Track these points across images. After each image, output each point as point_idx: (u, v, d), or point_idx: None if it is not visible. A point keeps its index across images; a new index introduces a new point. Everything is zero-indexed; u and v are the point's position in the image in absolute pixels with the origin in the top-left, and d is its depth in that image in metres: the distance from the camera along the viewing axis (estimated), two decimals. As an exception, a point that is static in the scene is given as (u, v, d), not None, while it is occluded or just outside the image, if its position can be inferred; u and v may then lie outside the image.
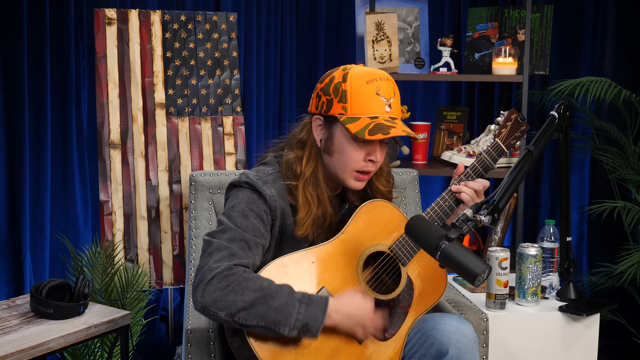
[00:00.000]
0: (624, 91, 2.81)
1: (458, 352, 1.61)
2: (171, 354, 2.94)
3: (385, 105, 1.62)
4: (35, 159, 2.80)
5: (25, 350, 1.78)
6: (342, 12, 3.51)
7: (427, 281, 1.76)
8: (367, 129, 1.58)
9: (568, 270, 2.22)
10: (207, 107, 2.74)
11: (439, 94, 3.53)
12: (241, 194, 1.65)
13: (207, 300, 1.50)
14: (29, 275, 2.77)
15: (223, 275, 1.51)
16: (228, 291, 1.50)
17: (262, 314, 1.51)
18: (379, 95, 1.61)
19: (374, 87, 1.61)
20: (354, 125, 1.60)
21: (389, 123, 1.60)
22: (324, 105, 1.65)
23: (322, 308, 1.55)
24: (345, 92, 1.61)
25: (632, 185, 2.97)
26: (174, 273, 2.71)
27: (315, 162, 1.69)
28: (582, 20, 3.30)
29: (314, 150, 1.70)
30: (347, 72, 1.63)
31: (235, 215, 1.61)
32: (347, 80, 1.61)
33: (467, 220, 1.55)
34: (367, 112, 1.61)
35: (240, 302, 1.50)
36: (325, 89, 1.65)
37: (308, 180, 1.67)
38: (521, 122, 1.86)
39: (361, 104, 1.61)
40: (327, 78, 1.66)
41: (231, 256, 1.55)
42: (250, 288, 1.51)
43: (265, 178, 1.68)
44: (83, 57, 2.91)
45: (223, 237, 1.58)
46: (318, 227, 1.69)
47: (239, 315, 1.50)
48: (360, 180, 1.68)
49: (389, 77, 1.65)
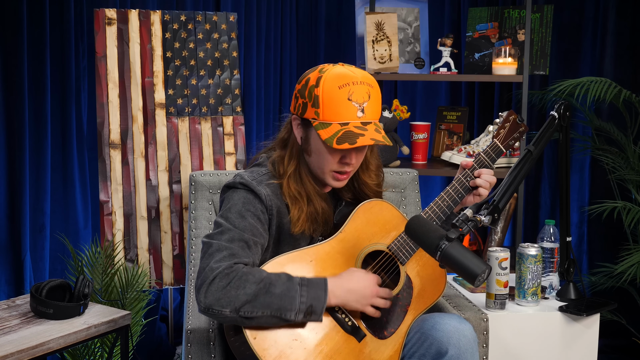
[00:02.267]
0: (624, 91, 2.81)
1: (457, 352, 1.61)
2: (171, 354, 2.94)
3: (357, 110, 1.61)
4: (35, 159, 2.80)
5: (25, 350, 1.78)
6: (342, 12, 3.51)
7: (426, 280, 1.76)
8: (336, 138, 1.58)
9: (568, 270, 2.22)
10: (207, 107, 2.74)
11: (439, 94, 3.53)
12: (237, 195, 1.67)
13: (210, 300, 1.51)
14: (29, 275, 2.77)
15: (224, 274, 1.53)
16: (230, 287, 1.52)
17: (266, 303, 1.52)
18: (351, 101, 1.60)
19: (345, 93, 1.60)
20: (325, 132, 1.60)
21: (359, 130, 1.60)
22: (300, 107, 1.66)
23: (323, 287, 1.57)
24: (318, 97, 1.61)
25: (632, 185, 2.97)
26: (174, 273, 2.71)
27: (297, 160, 1.71)
28: (582, 20, 3.30)
29: (296, 149, 1.71)
30: (322, 76, 1.62)
31: (232, 217, 1.63)
32: (319, 85, 1.61)
33: (467, 220, 1.55)
34: (338, 118, 1.61)
35: (242, 295, 1.51)
36: (302, 91, 1.66)
37: (291, 178, 1.70)
38: (520, 123, 1.86)
39: (332, 110, 1.61)
40: (304, 79, 1.66)
41: (231, 256, 1.56)
42: (250, 281, 1.53)
43: (260, 178, 1.70)
44: (83, 57, 2.91)
45: (222, 238, 1.59)
46: (313, 222, 1.70)
47: (243, 309, 1.52)
48: (338, 179, 1.69)
49: (365, 80, 1.63)
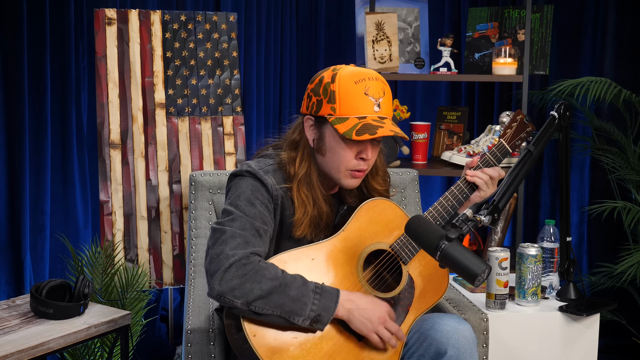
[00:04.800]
0: (624, 91, 2.81)
1: (457, 352, 1.61)
2: (171, 354, 2.94)
3: (374, 105, 1.62)
4: (35, 159, 2.79)
5: (25, 350, 1.78)
6: (342, 12, 3.51)
7: (428, 280, 1.76)
8: (355, 130, 1.59)
9: (568, 270, 2.22)
10: (207, 107, 2.74)
11: (439, 94, 3.53)
12: (244, 183, 1.67)
13: (224, 287, 1.51)
14: (29, 275, 2.77)
15: (241, 264, 1.53)
16: (246, 279, 1.52)
17: (279, 303, 1.53)
18: (367, 95, 1.62)
19: (362, 87, 1.62)
20: (342, 125, 1.60)
21: (377, 123, 1.61)
22: (314, 105, 1.66)
23: (334, 299, 1.57)
24: (334, 92, 1.62)
25: (632, 185, 2.97)
26: (174, 273, 2.71)
27: (309, 162, 1.70)
28: (582, 20, 3.30)
29: (307, 151, 1.71)
30: (336, 73, 1.64)
31: (242, 204, 1.63)
32: (335, 81, 1.62)
33: (467, 220, 1.55)
34: (355, 112, 1.62)
35: (257, 290, 1.51)
36: (315, 89, 1.66)
37: (302, 181, 1.69)
38: (527, 123, 1.86)
39: (349, 104, 1.61)
40: (317, 78, 1.67)
41: (246, 244, 1.57)
42: (267, 277, 1.53)
43: (266, 168, 1.70)
44: (83, 57, 2.91)
45: (234, 225, 1.59)
46: (315, 226, 1.70)
47: (255, 303, 1.52)
48: (355, 177, 1.68)
49: (379, 77, 1.65)
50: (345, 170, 1.67)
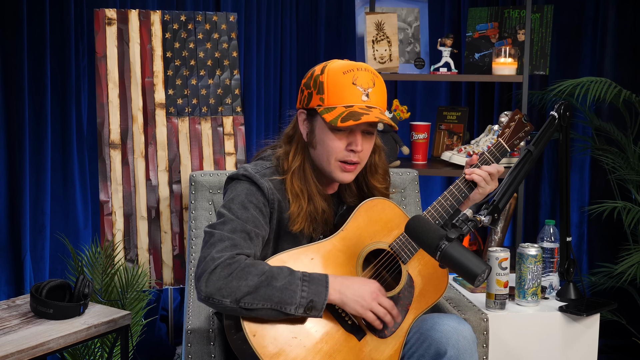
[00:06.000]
0: (624, 91, 2.81)
1: (456, 352, 1.61)
2: (171, 354, 2.94)
3: (362, 94, 1.63)
4: (35, 159, 2.79)
5: (25, 350, 1.78)
6: (342, 12, 3.51)
7: (427, 279, 1.76)
8: (340, 117, 1.60)
9: (568, 270, 2.22)
10: (207, 107, 2.74)
11: (439, 94, 3.53)
12: (240, 186, 1.67)
13: (211, 289, 1.52)
14: (29, 275, 2.77)
15: (226, 264, 1.53)
16: (232, 278, 1.52)
17: (267, 295, 1.53)
18: (355, 85, 1.63)
19: (350, 77, 1.63)
20: (329, 114, 1.62)
21: (363, 111, 1.61)
22: (306, 98, 1.69)
23: (324, 283, 1.57)
24: (322, 83, 1.64)
25: (632, 185, 2.97)
26: (174, 273, 2.71)
27: (302, 156, 1.72)
28: (582, 20, 3.30)
29: (301, 145, 1.72)
30: (326, 65, 1.66)
31: (235, 207, 1.63)
32: (324, 72, 1.65)
33: (467, 220, 1.55)
34: (342, 101, 1.63)
35: (244, 287, 1.52)
36: (307, 83, 1.69)
37: (295, 174, 1.70)
38: (525, 123, 1.86)
39: (337, 94, 1.63)
40: (309, 73, 1.70)
41: (233, 246, 1.57)
42: (252, 273, 1.53)
43: (263, 171, 1.70)
44: (83, 57, 2.91)
45: (225, 229, 1.60)
46: (312, 222, 1.70)
47: (244, 300, 1.52)
48: (346, 170, 1.68)
49: (369, 68, 1.67)
50: (335, 161, 1.67)
